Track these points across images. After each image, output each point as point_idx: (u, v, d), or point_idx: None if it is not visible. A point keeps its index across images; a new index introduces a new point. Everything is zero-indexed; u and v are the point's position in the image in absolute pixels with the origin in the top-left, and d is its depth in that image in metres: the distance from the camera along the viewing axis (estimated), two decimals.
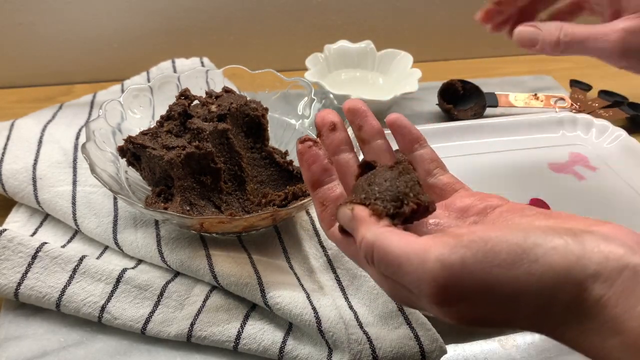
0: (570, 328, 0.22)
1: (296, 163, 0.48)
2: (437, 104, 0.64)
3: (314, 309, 0.37)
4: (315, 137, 0.32)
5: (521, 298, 0.22)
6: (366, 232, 0.25)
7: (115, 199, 0.45)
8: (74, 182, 0.46)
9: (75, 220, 0.43)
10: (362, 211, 0.26)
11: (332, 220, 0.30)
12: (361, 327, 0.37)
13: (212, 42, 0.71)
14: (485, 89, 0.64)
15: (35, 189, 0.45)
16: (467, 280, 0.22)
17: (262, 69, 0.52)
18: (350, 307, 0.39)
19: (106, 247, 0.43)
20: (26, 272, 0.38)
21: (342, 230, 0.29)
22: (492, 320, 0.24)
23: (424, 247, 0.23)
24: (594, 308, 0.21)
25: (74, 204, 0.44)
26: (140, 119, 0.48)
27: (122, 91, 0.54)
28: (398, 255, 0.24)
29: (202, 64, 0.65)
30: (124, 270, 0.39)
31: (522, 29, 0.43)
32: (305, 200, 0.40)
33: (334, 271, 0.41)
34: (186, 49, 0.67)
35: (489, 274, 0.22)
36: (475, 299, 0.22)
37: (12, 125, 0.52)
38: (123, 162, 0.44)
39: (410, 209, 0.26)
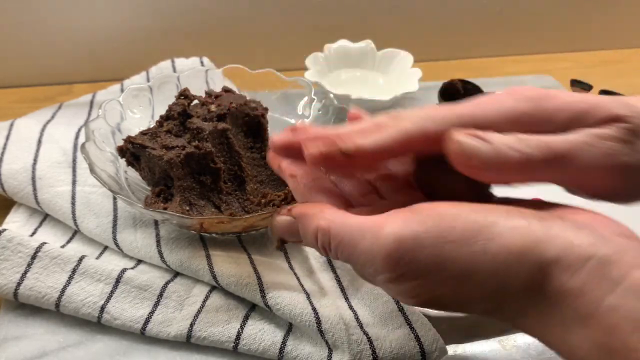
0: (530, 317, 0.21)
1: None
2: (437, 104, 0.64)
3: (314, 309, 0.36)
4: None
5: (474, 277, 0.21)
6: (319, 220, 0.25)
7: (114, 199, 0.45)
8: (74, 182, 0.46)
9: (74, 220, 0.43)
10: (302, 208, 0.26)
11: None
12: (361, 327, 0.37)
13: (212, 42, 0.71)
14: (486, 89, 0.64)
15: (34, 189, 0.45)
16: (420, 255, 0.21)
17: (262, 68, 0.52)
18: (351, 308, 0.39)
19: (106, 247, 0.43)
20: (25, 272, 0.38)
21: (282, 243, 0.28)
22: (447, 301, 0.23)
23: (378, 223, 0.23)
24: (554, 297, 0.20)
25: (73, 204, 0.44)
26: (139, 119, 0.48)
27: (122, 91, 0.54)
28: (353, 234, 0.23)
29: (202, 64, 0.65)
30: (124, 271, 0.39)
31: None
32: None
33: (334, 271, 0.41)
34: (186, 48, 0.67)
35: (441, 249, 0.21)
36: (429, 276, 0.22)
37: (12, 125, 0.52)
38: (122, 162, 0.44)
39: None
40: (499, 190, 0.26)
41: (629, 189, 0.24)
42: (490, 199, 0.26)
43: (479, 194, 0.26)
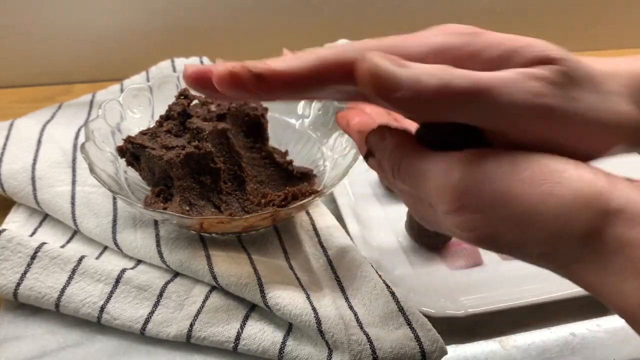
0: (586, 264, 0.21)
1: (296, 163, 0.48)
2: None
3: (314, 309, 0.36)
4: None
5: (537, 218, 0.21)
6: (395, 137, 0.26)
7: (114, 199, 0.45)
8: (73, 182, 0.46)
9: (74, 220, 0.43)
10: (392, 132, 0.27)
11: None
12: (361, 327, 0.37)
13: (212, 41, 0.71)
14: None
15: (34, 189, 0.45)
16: (488, 188, 0.22)
17: None
18: (351, 308, 0.38)
19: (105, 248, 0.43)
20: (25, 272, 0.38)
21: (369, 154, 0.29)
22: (504, 240, 0.23)
23: (451, 156, 0.23)
24: (614, 246, 0.21)
25: (73, 204, 0.44)
26: (139, 119, 0.48)
27: (122, 91, 0.54)
28: (425, 162, 0.24)
29: (202, 64, 0.65)
30: (123, 271, 0.39)
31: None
32: (305, 201, 0.40)
33: (334, 271, 0.41)
34: (186, 48, 0.67)
35: (509, 186, 0.21)
36: (492, 210, 0.22)
37: (11, 125, 0.52)
38: (122, 162, 0.44)
39: None
40: None
41: (560, 137, 0.23)
42: None
43: None
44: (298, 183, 0.45)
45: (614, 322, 0.41)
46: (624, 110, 0.23)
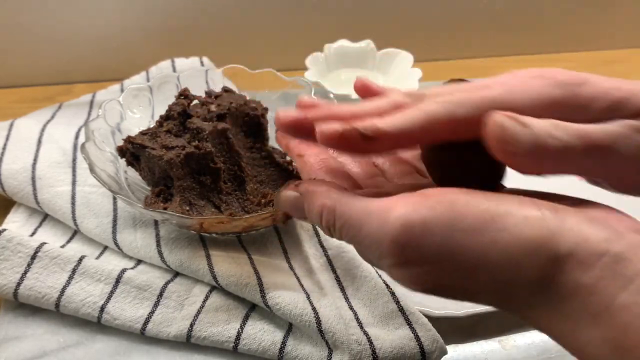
0: (540, 311, 0.21)
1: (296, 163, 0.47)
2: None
3: (314, 309, 0.36)
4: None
5: (483, 268, 0.20)
6: (325, 199, 0.24)
7: (114, 199, 0.45)
8: (73, 182, 0.46)
9: (74, 220, 0.43)
10: (309, 184, 0.26)
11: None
12: (361, 327, 0.37)
13: (212, 41, 0.71)
14: None
15: (34, 189, 0.45)
16: (428, 242, 0.21)
17: (262, 68, 0.52)
18: (350, 308, 0.39)
19: (105, 247, 0.43)
20: (25, 272, 0.38)
21: (286, 218, 0.28)
22: (453, 290, 0.22)
23: (387, 206, 0.22)
24: (566, 292, 0.20)
25: (73, 204, 0.44)
26: (139, 119, 0.48)
27: (122, 91, 0.54)
28: (359, 216, 0.23)
29: (202, 64, 0.65)
30: (124, 271, 0.39)
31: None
32: None
33: (334, 271, 0.41)
34: (186, 48, 0.67)
35: (450, 237, 0.20)
36: (436, 264, 0.21)
37: (11, 125, 0.52)
38: (122, 162, 0.44)
39: None
40: (508, 182, 0.26)
41: None
42: (500, 189, 0.26)
43: (489, 181, 0.25)
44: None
45: None
46: None
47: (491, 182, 0.25)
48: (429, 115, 0.22)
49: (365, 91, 0.28)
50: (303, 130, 0.25)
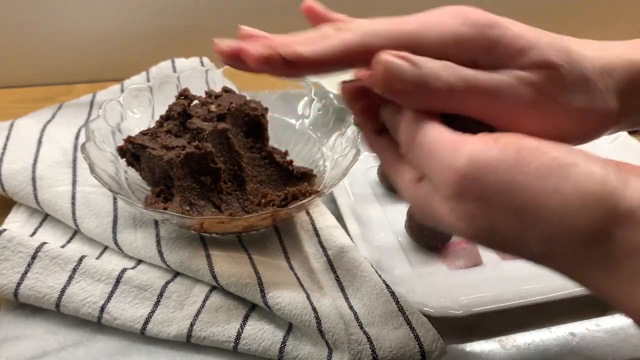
0: (594, 269, 0.21)
1: (296, 163, 0.48)
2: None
3: (314, 309, 0.36)
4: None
5: (539, 215, 0.20)
6: (414, 116, 0.25)
7: (114, 199, 0.45)
8: (74, 182, 0.46)
9: (74, 220, 0.43)
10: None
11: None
12: (361, 327, 0.37)
13: (212, 41, 0.70)
14: None
15: (34, 189, 0.45)
16: (491, 178, 0.21)
17: None
18: (350, 307, 0.39)
19: (106, 247, 0.43)
20: (26, 272, 0.38)
21: (382, 129, 0.29)
22: (502, 235, 0.22)
23: (462, 139, 0.22)
24: (624, 251, 0.20)
25: (73, 204, 0.44)
26: (139, 119, 0.48)
27: (122, 91, 0.54)
28: (435, 141, 0.23)
29: (202, 64, 0.65)
30: (124, 271, 0.39)
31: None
32: (305, 201, 0.40)
33: (334, 271, 0.41)
34: (186, 48, 0.67)
35: (514, 178, 0.21)
36: (495, 201, 0.21)
37: (12, 125, 0.52)
38: (122, 162, 0.44)
39: None
40: None
41: (553, 129, 0.24)
42: None
43: None
44: (298, 183, 0.46)
45: (613, 322, 0.41)
46: (611, 106, 0.25)
47: None
48: (345, 43, 0.24)
49: (312, 14, 0.30)
50: (239, 58, 0.26)
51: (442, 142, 0.23)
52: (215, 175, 0.43)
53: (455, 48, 0.24)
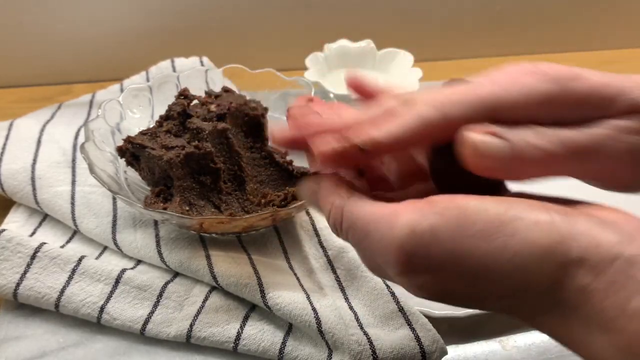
0: (550, 317, 0.20)
1: (296, 163, 0.48)
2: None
3: (314, 309, 0.36)
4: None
5: (492, 275, 0.20)
6: (335, 198, 0.24)
7: (114, 199, 0.45)
8: (73, 182, 0.46)
9: (74, 220, 0.43)
10: (325, 179, 0.25)
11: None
12: (361, 327, 0.37)
13: (211, 41, 0.71)
14: None
15: (34, 189, 0.45)
16: (436, 249, 0.20)
17: (262, 68, 0.52)
18: (351, 308, 0.38)
19: (105, 248, 0.43)
20: (25, 272, 0.38)
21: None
22: (461, 297, 0.22)
23: (394, 212, 0.21)
24: (577, 298, 0.19)
25: (72, 204, 0.44)
26: (139, 119, 0.48)
27: (121, 91, 0.54)
28: (367, 221, 0.22)
29: (202, 64, 0.65)
30: (123, 271, 0.39)
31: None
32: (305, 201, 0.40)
33: (334, 271, 0.41)
34: (186, 48, 0.67)
35: (459, 244, 0.20)
36: (443, 270, 0.21)
37: (11, 125, 0.52)
38: (122, 162, 0.44)
39: None
40: (515, 185, 0.25)
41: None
42: (504, 191, 0.25)
43: (496, 186, 0.25)
44: (298, 183, 0.45)
45: None
46: None
47: (496, 185, 0.25)
48: (424, 119, 0.22)
49: (358, 88, 0.28)
50: (300, 145, 0.25)
51: (375, 221, 0.22)
52: (215, 175, 0.42)
53: (539, 108, 0.22)
